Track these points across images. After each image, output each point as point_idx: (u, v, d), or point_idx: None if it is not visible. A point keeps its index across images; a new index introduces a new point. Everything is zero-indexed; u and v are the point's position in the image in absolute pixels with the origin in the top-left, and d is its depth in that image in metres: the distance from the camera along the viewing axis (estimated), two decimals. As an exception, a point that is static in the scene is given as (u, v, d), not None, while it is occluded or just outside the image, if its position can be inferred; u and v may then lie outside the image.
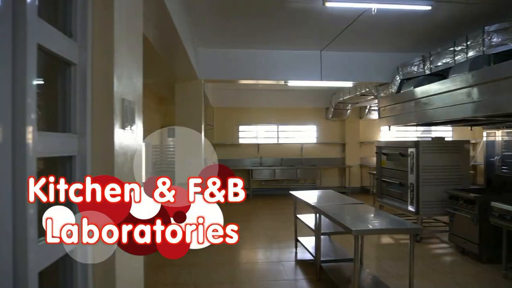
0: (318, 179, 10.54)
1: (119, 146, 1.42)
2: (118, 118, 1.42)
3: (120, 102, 1.45)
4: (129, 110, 1.54)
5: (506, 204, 4.02)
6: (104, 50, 1.33)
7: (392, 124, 6.45)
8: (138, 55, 1.78)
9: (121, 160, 1.45)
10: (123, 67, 1.48)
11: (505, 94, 3.77)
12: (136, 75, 1.71)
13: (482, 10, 4.50)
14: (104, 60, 1.33)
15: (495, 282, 4.08)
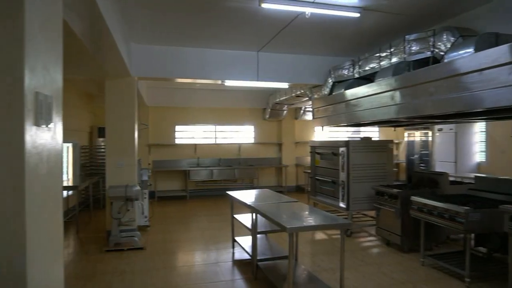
0: (256, 178, 10.67)
1: (31, 145, 1.27)
2: (31, 114, 1.27)
3: (33, 96, 1.30)
4: (45, 105, 1.39)
5: (423, 198, 4.40)
6: (12, 34, 1.18)
7: (325, 125, 6.74)
8: (57, 44, 1.62)
9: (34, 160, 1.30)
10: (37, 56, 1.33)
11: (422, 97, 4.13)
12: (55, 66, 1.55)
13: (404, 20, 4.89)
14: (12, 46, 1.18)
15: (414, 270, 4.45)
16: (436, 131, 9.47)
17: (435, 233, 4.99)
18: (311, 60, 6.77)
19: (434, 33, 4.36)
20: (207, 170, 10.11)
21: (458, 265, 4.14)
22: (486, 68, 3.26)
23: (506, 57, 3.06)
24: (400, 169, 11.48)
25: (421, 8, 4.49)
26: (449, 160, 9.12)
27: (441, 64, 3.98)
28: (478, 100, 3.40)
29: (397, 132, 11.54)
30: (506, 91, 3.07)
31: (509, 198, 4.03)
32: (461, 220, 3.77)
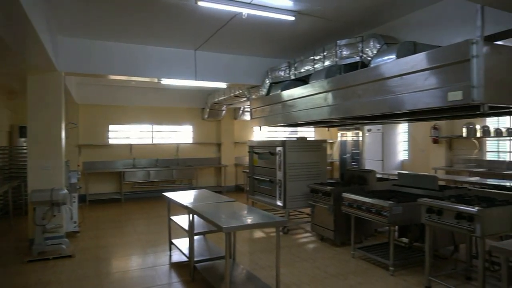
0: (195, 179, 10.52)
1: None
2: None
3: None
4: None
5: (353, 194, 4.68)
6: None
7: (263, 125, 6.85)
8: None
9: None
10: None
11: (351, 99, 4.39)
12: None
13: (336, 26, 5.14)
14: None
15: (346, 262, 4.70)
16: (365, 131, 10.12)
17: (365, 227, 5.33)
18: (249, 61, 6.85)
19: (362, 39, 4.65)
20: (143, 171, 9.75)
21: (384, 255, 4.46)
22: (406, 74, 3.55)
23: (422, 64, 3.37)
24: (334, 168, 12.07)
25: (351, 15, 4.76)
26: (377, 159, 9.80)
27: (367, 68, 4.26)
28: (400, 103, 3.69)
29: (331, 132, 12.14)
30: (423, 95, 3.38)
31: (427, 192, 4.43)
32: (385, 213, 4.07)
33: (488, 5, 2.95)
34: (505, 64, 3.17)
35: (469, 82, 2.93)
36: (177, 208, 4.62)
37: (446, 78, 3.16)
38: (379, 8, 4.51)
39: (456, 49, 3.07)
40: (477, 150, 8.23)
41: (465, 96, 2.97)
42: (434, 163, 8.86)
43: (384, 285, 3.98)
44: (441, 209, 3.47)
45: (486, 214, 3.18)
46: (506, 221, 3.37)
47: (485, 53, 2.94)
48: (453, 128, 8.57)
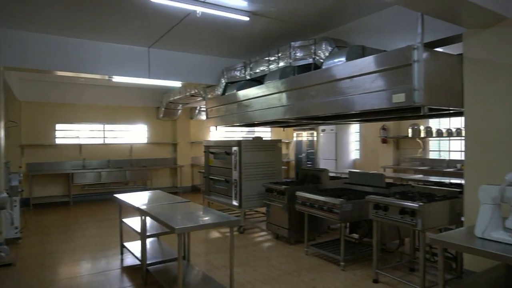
0: (149, 180, 10.24)
1: None
2: None
3: None
4: None
5: (307, 192, 4.79)
6: None
7: (218, 125, 6.82)
8: None
9: None
10: None
11: (305, 100, 4.49)
12: None
13: (290, 28, 5.24)
14: None
15: (300, 259, 4.81)
16: (320, 131, 10.42)
17: (318, 224, 5.47)
18: (205, 60, 6.78)
19: (315, 42, 4.78)
20: (94, 173, 9.33)
21: (335, 251, 4.61)
22: (355, 76, 3.70)
23: (369, 67, 3.53)
24: (290, 167, 12.30)
25: (305, 18, 4.87)
26: (330, 158, 10.12)
27: (319, 70, 4.38)
28: (350, 104, 3.84)
29: (287, 132, 12.35)
30: (370, 97, 3.54)
31: (375, 190, 4.65)
32: (336, 211, 4.21)
33: (427, 13, 3.14)
34: (443, 69, 3.40)
35: (411, 85, 3.11)
36: (130, 210, 4.47)
37: (391, 81, 3.34)
38: (331, 12, 4.65)
39: (399, 54, 3.25)
40: (421, 149, 8.77)
41: (407, 98, 3.15)
42: (383, 161, 9.32)
43: (335, 279, 4.12)
44: (387, 205, 3.66)
45: (426, 209, 3.39)
46: (444, 215, 3.63)
47: (425, 58, 3.13)
48: (400, 129, 9.07)
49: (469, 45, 3.53)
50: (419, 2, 2.91)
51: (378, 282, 3.98)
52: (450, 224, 3.74)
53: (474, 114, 3.51)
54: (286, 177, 11.76)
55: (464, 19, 3.29)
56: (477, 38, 3.46)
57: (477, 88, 3.47)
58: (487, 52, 3.39)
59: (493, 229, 2.46)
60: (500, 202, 2.48)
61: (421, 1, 2.87)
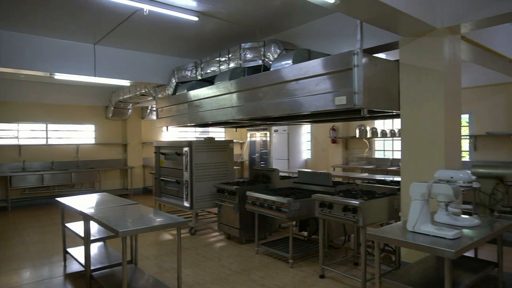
0: (97, 182, 9.82)
1: None
2: None
3: None
4: None
5: (256, 192, 4.86)
6: None
7: (169, 125, 6.71)
8: None
9: None
10: None
11: (254, 101, 4.56)
12: None
13: (240, 29, 5.28)
14: None
15: (250, 258, 4.86)
16: (273, 132, 10.59)
17: (269, 223, 5.57)
18: (155, 59, 6.64)
19: (264, 44, 4.86)
20: (36, 175, 8.77)
21: (284, 249, 4.72)
22: (300, 79, 3.82)
23: (313, 70, 3.66)
24: (244, 167, 12.36)
25: (254, 20, 4.94)
26: (283, 158, 10.33)
27: (268, 72, 4.47)
28: (296, 105, 3.96)
29: (241, 133, 12.41)
30: (315, 99, 3.67)
31: (322, 188, 4.82)
32: (285, 210, 4.31)
33: (366, 21, 3.32)
34: (381, 74, 3.62)
35: (352, 88, 3.27)
36: (74, 214, 4.27)
37: (333, 84, 3.49)
38: (279, 16, 4.76)
39: (341, 59, 3.41)
40: (368, 149, 9.21)
41: (348, 101, 3.31)
42: (333, 161, 9.67)
43: (284, 276, 4.22)
44: (331, 203, 3.81)
45: (367, 205, 3.58)
46: (384, 211, 3.85)
47: (364, 63, 3.31)
48: (348, 130, 9.47)
49: (404, 52, 3.78)
50: (358, 10, 3.07)
51: (324, 277, 4.13)
52: (389, 220, 3.98)
53: (408, 116, 3.77)
54: (240, 177, 11.83)
55: (400, 27, 3.52)
56: (411, 46, 3.72)
57: (410, 92, 3.73)
58: (419, 59, 3.65)
59: (422, 223, 2.65)
60: (428, 198, 2.68)
61: (360, 10, 3.03)
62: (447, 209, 2.81)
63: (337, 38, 4.48)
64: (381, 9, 2.96)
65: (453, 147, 3.66)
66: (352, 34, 3.60)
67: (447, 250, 2.26)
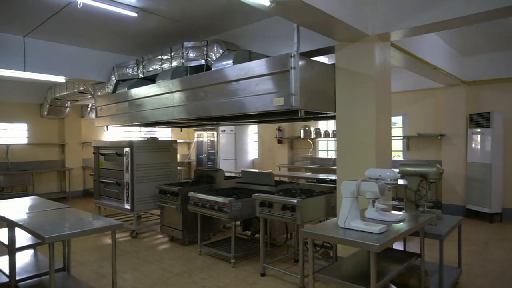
0: (31, 185, 9.13)
1: None
2: None
3: None
4: None
5: (198, 193, 4.82)
6: None
7: (109, 124, 6.44)
8: None
9: None
10: None
11: (196, 101, 4.51)
12: None
13: (182, 27, 5.20)
14: None
15: (192, 260, 4.81)
16: (220, 132, 10.56)
17: (212, 224, 5.54)
18: (93, 55, 6.32)
19: (207, 43, 4.83)
20: (-43, 179, 7.96)
21: (227, 249, 4.73)
22: (241, 79, 3.85)
23: (253, 71, 3.71)
24: (191, 168, 12.18)
25: (197, 19, 4.89)
26: (230, 158, 10.34)
27: (209, 71, 4.45)
28: (237, 106, 3.98)
29: (188, 133, 12.22)
30: (255, 99, 3.72)
31: (265, 188, 4.89)
32: (227, 210, 4.32)
33: (302, 25, 3.43)
34: (318, 77, 3.76)
35: (289, 90, 3.36)
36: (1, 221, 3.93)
37: (272, 85, 3.56)
38: (221, 16, 4.76)
39: (279, 61, 3.49)
40: (312, 149, 9.52)
41: (285, 102, 3.40)
42: (279, 161, 9.86)
43: (226, 276, 4.22)
44: (271, 202, 3.89)
45: (304, 204, 3.70)
46: (321, 208, 4.00)
47: (301, 66, 3.42)
48: (294, 130, 9.71)
49: (339, 56, 3.96)
50: (293, 14, 3.16)
51: (265, 276, 4.20)
52: (327, 217, 4.14)
53: (343, 117, 3.95)
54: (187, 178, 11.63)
55: (335, 33, 3.68)
56: (346, 50, 3.91)
57: (345, 95, 3.92)
58: (353, 63, 3.84)
59: (352, 219, 2.79)
60: (357, 195, 2.83)
61: (295, 14, 3.12)
62: (373, 205, 2.99)
63: (278, 41, 4.58)
64: (316, 14, 3.07)
65: (384, 147, 3.91)
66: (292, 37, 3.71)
67: (372, 244, 2.40)
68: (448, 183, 7.38)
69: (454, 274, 3.83)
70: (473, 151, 6.99)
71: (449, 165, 7.31)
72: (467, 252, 4.92)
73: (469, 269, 4.34)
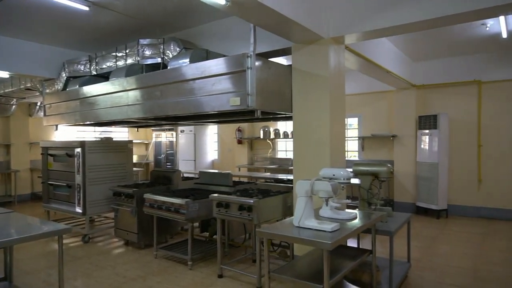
0: (-29, 189, 8.46)
1: None
2: None
3: None
4: None
5: (154, 194, 4.69)
6: None
7: (59, 123, 6.10)
8: None
9: None
10: None
11: (152, 100, 4.39)
12: None
13: (138, 24, 5.04)
14: None
15: (148, 263, 4.67)
16: (179, 132, 10.37)
17: (169, 226, 5.42)
18: (41, 49, 5.95)
19: (164, 41, 4.72)
20: None
21: (185, 251, 4.63)
22: (197, 78, 3.79)
23: (210, 71, 3.67)
24: (149, 169, 11.85)
25: (152, 16, 4.76)
26: (190, 159, 10.18)
27: (165, 70, 4.35)
28: (195, 105, 3.91)
29: (146, 133, 11.89)
30: (211, 99, 3.68)
31: (223, 189, 4.85)
32: (183, 211, 4.23)
33: (258, 25, 3.44)
34: (275, 77, 3.78)
35: (245, 90, 3.35)
36: None
37: (228, 85, 3.54)
38: (178, 14, 4.67)
39: (235, 60, 3.47)
40: (271, 149, 9.60)
41: (242, 102, 3.39)
42: (238, 161, 9.85)
43: (182, 279, 4.14)
44: (228, 202, 3.86)
45: (261, 204, 3.71)
46: (278, 208, 4.04)
47: (258, 66, 3.43)
48: (253, 130, 9.75)
49: (296, 58, 4.01)
50: (249, 14, 3.16)
51: (222, 277, 4.16)
52: (284, 217, 4.17)
53: (299, 118, 4.01)
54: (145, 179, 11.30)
55: (291, 34, 3.72)
56: (302, 52, 3.97)
57: (301, 96, 3.98)
58: (308, 65, 3.91)
59: (306, 218, 2.83)
60: (311, 194, 2.88)
61: (251, 14, 3.12)
62: (327, 204, 3.05)
63: (236, 41, 4.56)
64: (271, 15, 3.09)
65: (338, 147, 4.01)
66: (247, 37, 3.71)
67: (325, 242, 2.44)
68: (400, 182, 7.73)
69: (403, 268, 4.01)
70: (422, 151, 7.37)
71: (400, 165, 7.67)
72: (416, 247, 5.18)
73: (417, 263, 4.56)
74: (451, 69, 7.28)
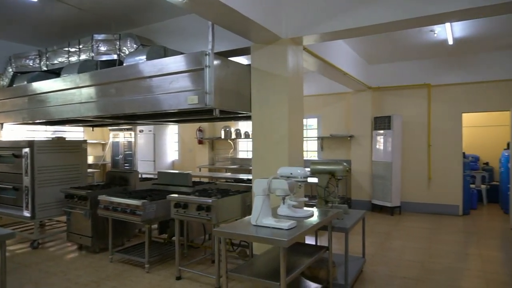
0: None
1: None
2: None
3: None
4: None
5: (109, 196, 4.51)
6: None
7: (4, 122, 5.72)
8: None
9: None
10: None
11: (106, 97, 4.23)
12: None
13: (92, 18, 4.84)
14: None
15: (103, 268, 4.48)
16: (138, 132, 10.07)
17: (126, 229, 5.25)
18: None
19: (120, 37, 4.56)
20: None
21: (142, 254, 4.50)
22: (154, 76, 3.70)
23: (167, 68, 3.59)
24: (106, 170, 11.41)
25: (108, 11, 4.60)
26: (149, 159, 9.93)
27: (120, 67, 4.21)
28: (152, 103, 3.82)
29: (103, 133, 11.44)
30: (169, 97, 3.61)
31: (182, 189, 4.76)
32: (140, 212, 4.11)
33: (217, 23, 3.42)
34: (233, 77, 3.78)
35: (203, 88, 3.32)
36: None
37: (186, 83, 3.48)
38: (136, 9, 4.54)
39: (193, 58, 3.43)
40: (233, 149, 9.59)
41: (200, 101, 3.35)
42: (199, 161, 9.74)
43: (138, 283, 4.01)
44: (186, 203, 3.80)
45: (220, 203, 3.68)
46: (237, 208, 4.03)
47: (216, 65, 3.40)
48: (214, 131, 9.68)
49: (255, 57, 4.03)
50: (207, 12, 3.13)
51: (181, 279, 4.09)
52: (243, 216, 4.17)
53: (257, 117, 4.03)
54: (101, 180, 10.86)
55: (250, 34, 3.73)
56: (261, 52, 3.99)
57: (260, 95, 4.00)
58: (267, 64, 3.94)
59: (264, 216, 2.85)
60: (268, 193, 2.90)
61: (209, 11, 3.10)
62: (284, 202, 3.09)
63: (195, 38, 4.51)
64: (230, 14, 3.08)
65: (296, 146, 4.07)
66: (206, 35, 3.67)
67: (281, 240, 2.47)
68: (356, 181, 8.00)
69: (358, 263, 4.15)
70: (377, 151, 7.68)
71: (357, 164, 7.94)
72: (370, 243, 5.38)
73: (372, 258, 4.74)
74: (404, 73, 7.65)
